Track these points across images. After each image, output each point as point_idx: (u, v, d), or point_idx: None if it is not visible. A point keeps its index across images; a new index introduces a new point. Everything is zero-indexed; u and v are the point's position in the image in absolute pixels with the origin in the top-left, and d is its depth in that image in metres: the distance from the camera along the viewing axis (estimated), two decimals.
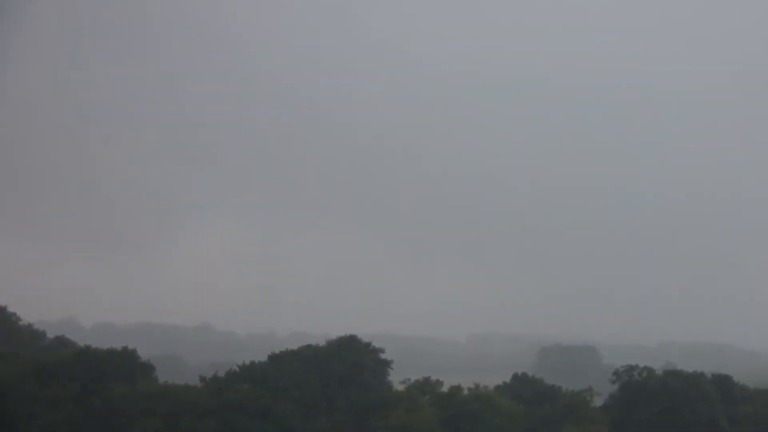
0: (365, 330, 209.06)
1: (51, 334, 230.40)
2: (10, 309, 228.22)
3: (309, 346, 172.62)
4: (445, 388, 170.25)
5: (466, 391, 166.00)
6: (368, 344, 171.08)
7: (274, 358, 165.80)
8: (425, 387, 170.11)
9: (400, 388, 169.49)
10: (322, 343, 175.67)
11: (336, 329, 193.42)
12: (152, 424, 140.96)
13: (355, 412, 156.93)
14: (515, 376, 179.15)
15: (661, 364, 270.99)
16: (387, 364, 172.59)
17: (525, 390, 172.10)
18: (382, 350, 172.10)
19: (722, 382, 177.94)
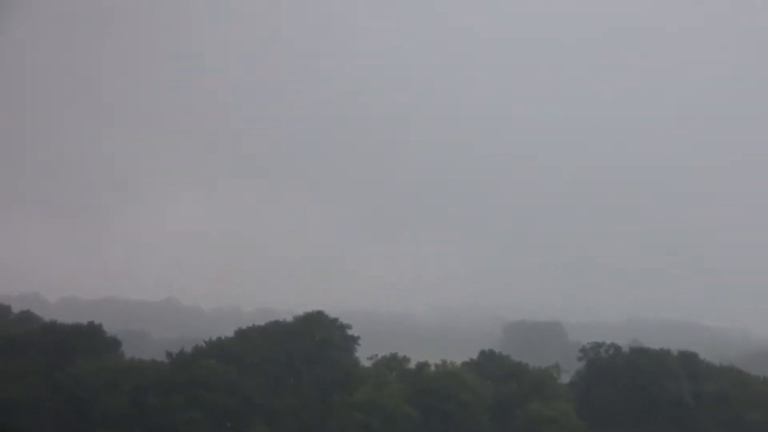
0: (332, 306, 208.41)
1: (16, 309, 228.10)
2: None
3: (276, 322, 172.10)
4: (412, 365, 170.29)
5: (433, 368, 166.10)
6: (335, 320, 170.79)
7: (240, 333, 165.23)
8: (392, 363, 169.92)
9: (367, 364, 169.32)
10: (289, 319, 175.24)
11: (303, 305, 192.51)
12: (118, 399, 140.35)
13: (322, 388, 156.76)
14: (482, 353, 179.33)
15: (628, 341, 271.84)
16: (354, 340, 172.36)
17: (492, 366, 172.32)
18: (349, 326, 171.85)
19: (688, 359, 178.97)
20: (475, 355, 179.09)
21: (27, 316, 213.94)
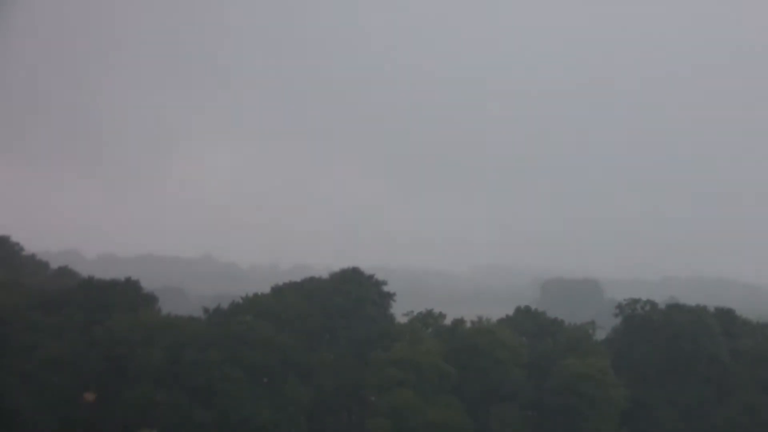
0: (368, 263, 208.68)
1: (54, 265, 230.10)
2: (14, 239, 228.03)
3: (312, 279, 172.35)
4: (447, 321, 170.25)
5: (468, 324, 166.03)
6: (371, 277, 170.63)
7: (277, 290, 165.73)
8: (428, 320, 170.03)
9: (403, 321, 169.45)
10: (324, 275, 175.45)
11: (339, 262, 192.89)
12: (154, 355, 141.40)
13: (358, 344, 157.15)
14: (518, 310, 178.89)
15: (664, 298, 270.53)
16: (389, 296, 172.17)
17: (527, 323, 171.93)
18: (384, 283, 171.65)
19: (725, 315, 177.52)
20: (510, 313, 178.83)
21: (65, 272, 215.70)
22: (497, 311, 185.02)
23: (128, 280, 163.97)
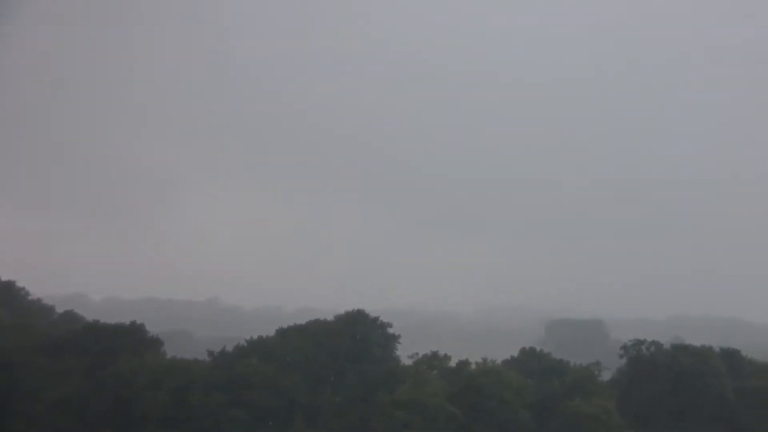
0: (373, 305, 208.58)
1: (60, 309, 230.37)
2: (19, 284, 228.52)
3: (317, 321, 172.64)
4: (453, 363, 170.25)
5: (473, 366, 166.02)
6: (376, 319, 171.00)
7: (282, 332, 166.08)
8: (433, 361, 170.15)
9: (408, 362, 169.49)
10: (329, 318, 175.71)
11: (343, 304, 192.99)
12: (160, 398, 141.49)
13: (363, 386, 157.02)
14: (523, 350, 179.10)
15: (670, 338, 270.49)
16: (395, 338, 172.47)
17: (533, 364, 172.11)
18: (389, 325, 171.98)
19: (730, 356, 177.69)
20: (516, 354, 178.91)
21: (70, 316, 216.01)
22: (503, 352, 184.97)
23: (133, 324, 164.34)
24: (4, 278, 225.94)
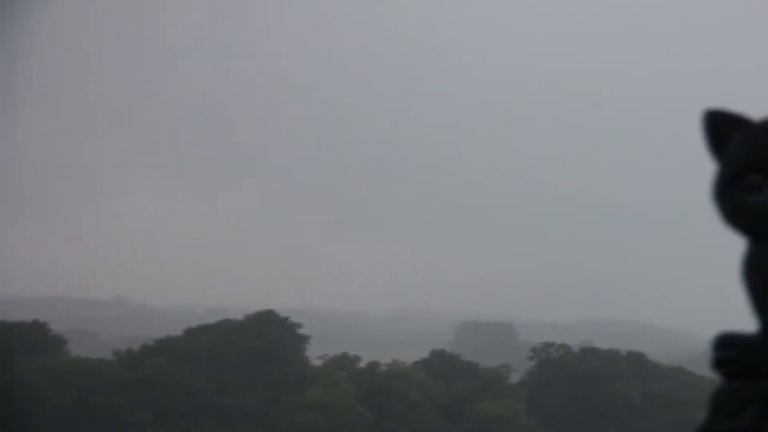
0: (285, 305, 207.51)
1: None
2: None
3: (226, 321, 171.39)
4: (363, 364, 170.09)
5: (383, 367, 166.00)
6: (286, 319, 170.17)
7: (190, 332, 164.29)
8: (343, 363, 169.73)
9: (318, 363, 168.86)
10: (240, 317, 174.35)
11: (256, 304, 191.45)
12: (63, 399, 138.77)
13: (272, 387, 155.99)
14: (433, 353, 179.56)
15: (578, 341, 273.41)
16: (305, 339, 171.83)
17: (443, 366, 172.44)
18: (300, 325, 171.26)
19: (637, 359, 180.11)
20: (425, 357, 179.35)
21: None
22: (414, 354, 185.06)
23: (35, 322, 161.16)
24: None
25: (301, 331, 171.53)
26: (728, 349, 5.30)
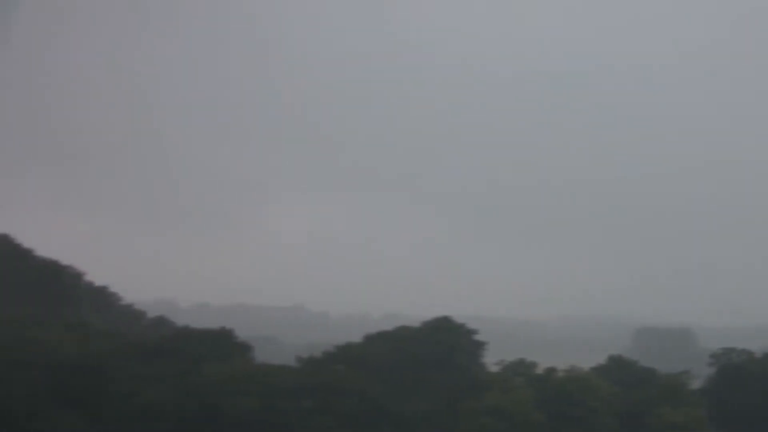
0: (457, 311, 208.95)
1: (151, 314, 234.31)
2: (112, 289, 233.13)
3: (403, 327, 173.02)
4: (539, 370, 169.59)
5: (561, 373, 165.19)
6: (462, 325, 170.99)
7: (369, 339, 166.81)
8: (519, 368, 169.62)
9: (494, 369, 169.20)
10: (415, 324, 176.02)
11: (429, 311, 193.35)
12: (249, 404, 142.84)
13: (450, 393, 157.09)
14: (611, 358, 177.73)
15: (759, 346, 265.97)
16: (481, 345, 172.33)
17: (620, 372, 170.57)
18: (475, 332, 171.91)
19: None
20: (602, 362, 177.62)
21: (161, 321, 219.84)
22: (588, 361, 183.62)
23: (222, 329, 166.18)
24: (97, 284, 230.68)
25: (476, 337, 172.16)
26: None
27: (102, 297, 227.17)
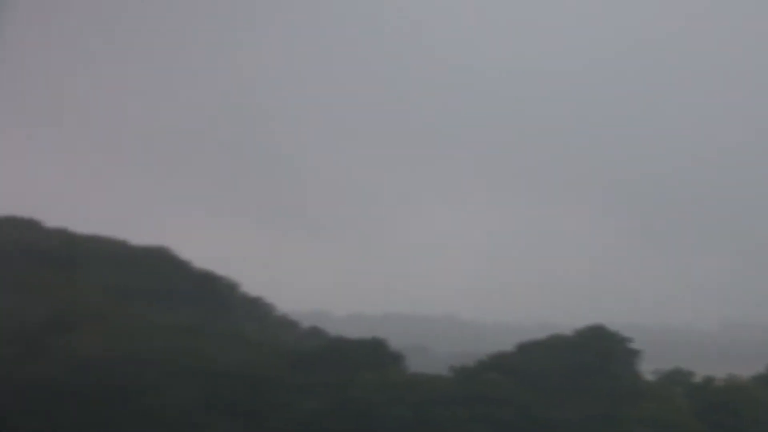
0: (611, 320, 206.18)
1: (304, 325, 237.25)
2: (266, 300, 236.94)
3: (556, 336, 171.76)
4: (696, 379, 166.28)
5: (719, 383, 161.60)
6: (616, 333, 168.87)
7: (522, 347, 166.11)
8: (676, 377, 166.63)
9: (650, 378, 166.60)
10: (568, 332, 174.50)
11: (581, 319, 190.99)
12: (403, 413, 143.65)
13: (604, 402, 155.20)
14: None
15: None
16: (635, 353, 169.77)
17: None
18: (630, 340, 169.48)
19: None
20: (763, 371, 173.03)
21: (314, 331, 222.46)
22: (750, 371, 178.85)
23: (375, 339, 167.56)
24: (251, 294, 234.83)
25: (631, 345, 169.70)
26: None
27: (256, 307, 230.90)
